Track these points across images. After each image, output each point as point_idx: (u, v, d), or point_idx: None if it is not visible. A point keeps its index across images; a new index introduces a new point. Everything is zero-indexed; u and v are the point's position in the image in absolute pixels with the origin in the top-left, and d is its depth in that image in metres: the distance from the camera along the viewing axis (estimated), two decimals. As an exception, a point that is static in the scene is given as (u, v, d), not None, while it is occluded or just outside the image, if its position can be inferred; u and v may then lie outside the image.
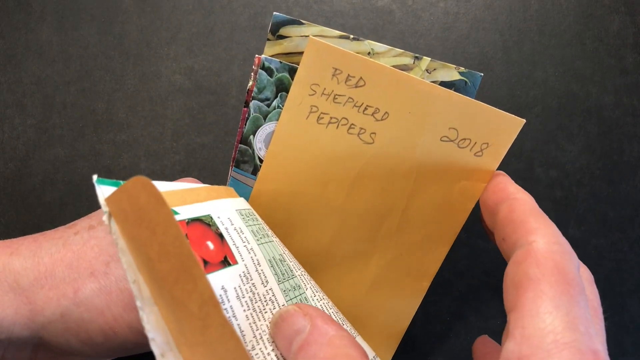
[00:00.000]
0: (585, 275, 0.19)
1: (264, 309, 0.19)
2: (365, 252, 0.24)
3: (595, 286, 0.18)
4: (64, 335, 0.20)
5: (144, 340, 0.20)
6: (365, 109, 0.22)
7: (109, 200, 0.15)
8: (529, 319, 0.14)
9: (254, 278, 0.19)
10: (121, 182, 0.16)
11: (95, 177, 0.16)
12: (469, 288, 0.32)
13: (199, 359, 0.15)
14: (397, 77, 0.22)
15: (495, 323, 0.32)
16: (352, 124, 0.22)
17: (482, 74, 0.25)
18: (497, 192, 0.21)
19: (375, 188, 0.23)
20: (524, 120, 0.22)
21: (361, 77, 0.22)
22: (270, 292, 0.19)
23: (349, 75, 0.22)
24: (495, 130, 0.22)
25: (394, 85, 0.22)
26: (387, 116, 0.22)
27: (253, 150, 0.27)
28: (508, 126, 0.22)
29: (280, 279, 0.20)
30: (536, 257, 0.16)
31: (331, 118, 0.23)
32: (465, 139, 0.22)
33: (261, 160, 0.27)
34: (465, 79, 0.26)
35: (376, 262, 0.24)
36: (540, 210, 0.19)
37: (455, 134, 0.22)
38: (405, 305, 0.25)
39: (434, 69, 0.26)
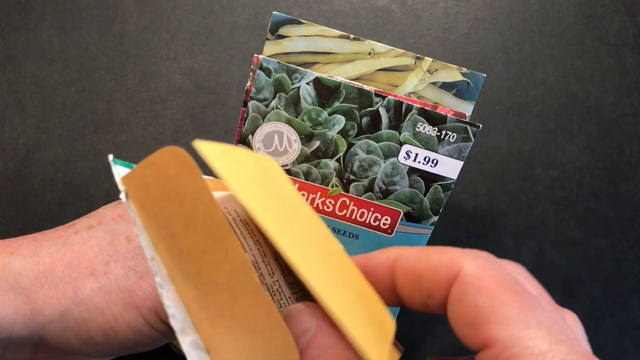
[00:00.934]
0: (510, 268, 0.16)
1: (272, 299, 0.19)
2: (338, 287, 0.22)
3: (530, 275, 0.16)
4: (64, 335, 0.20)
5: (144, 340, 0.20)
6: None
7: (125, 179, 0.16)
8: (510, 350, 0.13)
9: (261, 268, 0.19)
10: (134, 165, 0.17)
11: (111, 156, 0.16)
12: (469, 288, 0.32)
13: (223, 333, 0.14)
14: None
15: (495, 323, 0.32)
16: None
17: (485, 75, 0.25)
18: (376, 279, 0.16)
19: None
20: None
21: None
22: (277, 283, 0.20)
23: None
24: None
25: None
26: None
27: (252, 150, 0.27)
28: None
29: (284, 272, 0.20)
30: (474, 285, 0.14)
31: None
32: None
33: (261, 160, 0.27)
34: (467, 80, 0.26)
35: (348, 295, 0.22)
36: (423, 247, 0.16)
37: None
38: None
39: (436, 70, 0.26)
